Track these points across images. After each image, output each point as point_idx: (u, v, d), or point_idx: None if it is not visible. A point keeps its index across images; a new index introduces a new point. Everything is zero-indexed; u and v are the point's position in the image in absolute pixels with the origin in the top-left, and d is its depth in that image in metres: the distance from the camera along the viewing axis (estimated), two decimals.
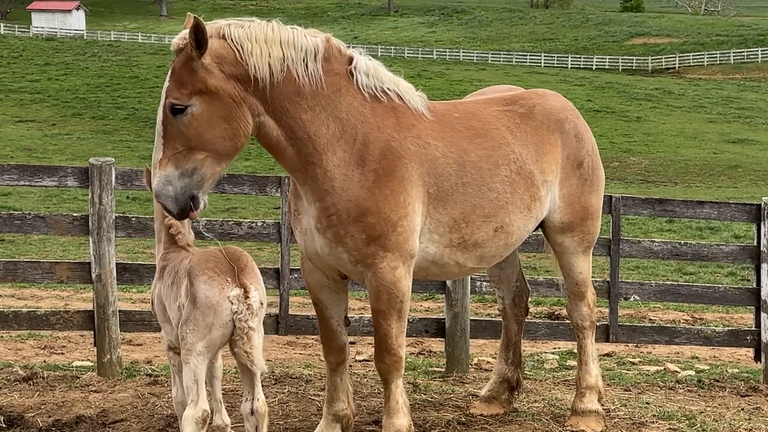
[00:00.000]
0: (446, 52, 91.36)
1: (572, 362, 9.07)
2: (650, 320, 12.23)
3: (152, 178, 5.26)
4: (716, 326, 10.75)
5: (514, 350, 7.13)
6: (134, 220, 8.12)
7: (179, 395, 5.55)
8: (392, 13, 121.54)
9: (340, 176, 5.51)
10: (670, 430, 6.91)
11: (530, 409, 7.23)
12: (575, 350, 7.34)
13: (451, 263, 5.99)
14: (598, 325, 7.72)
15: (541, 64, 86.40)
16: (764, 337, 8.87)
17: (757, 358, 9.04)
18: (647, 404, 7.56)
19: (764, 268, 8.84)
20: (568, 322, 8.09)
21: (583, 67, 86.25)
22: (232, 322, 5.08)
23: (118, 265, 7.94)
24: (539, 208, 6.28)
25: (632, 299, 10.64)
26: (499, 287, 7.13)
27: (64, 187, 8.12)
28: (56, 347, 9.61)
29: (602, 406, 6.91)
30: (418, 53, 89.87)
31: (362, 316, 8.75)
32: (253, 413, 5.24)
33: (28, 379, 7.66)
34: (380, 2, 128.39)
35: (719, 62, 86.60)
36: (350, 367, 7.17)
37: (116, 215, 7.90)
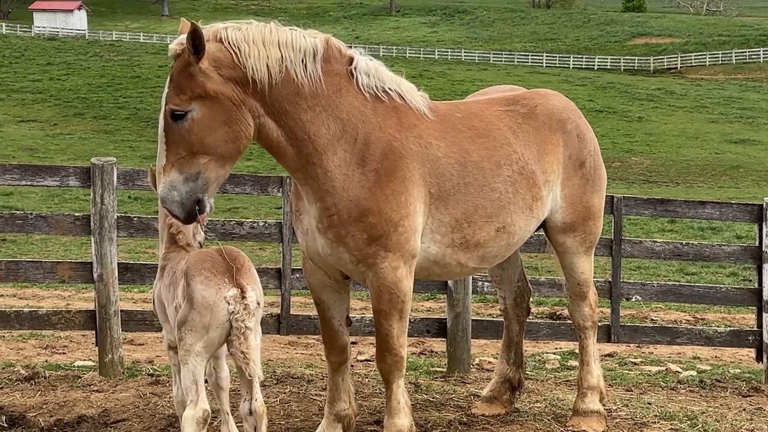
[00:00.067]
0: (448, 52, 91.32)
1: (574, 362, 9.06)
2: (652, 320, 12.22)
3: (157, 184, 5.27)
4: (718, 326, 10.74)
5: (515, 350, 7.12)
6: (136, 219, 8.13)
7: (180, 395, 5.55)
8: (394, 13, 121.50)
9: (340, 176, 5.50)
10: (671, 430, 6.90)
11: (532, 409, 7.23)
12: (577, 350, 7.34)
13: (453, 263, 5.99)
14: (599, 325, 7.73)
15: (542, 64, 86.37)
16: (766, 337, 8.86)
17: (758, 358, 9.03)
18: (649, 404, 7.55)
19: (766, 268, 8.83)
20: (569, 322, 8.08)
21: (584, 67, 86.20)
22: (229, 322, 5.08)
23: (119, 264, 7.94)
24: (541, 208, 6.28)
25: (634, 299, 10.63)
26: (500, 287, 7.12)
27: (65, 186, 8.12)
28: (58, 347, 9.61)
29: (604, 406, 6.91)
30: (419, 53, 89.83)
31: (364, 316, 8.75)
32: (251, 413, 5.24)
33: (29, 378, 7.66)
34: (382, 2, 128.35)
35: (721, 62, 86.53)
36: (352, 367, 7.17)
37: (118, 215, 7.90)
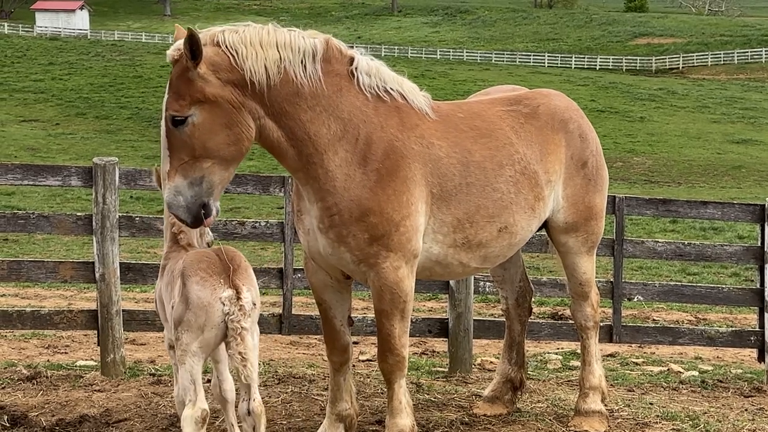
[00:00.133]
0: (450, 52, 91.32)
1: (575, 362, 9.06)
2: (654, 321, 12.21)
3: (162, 189, 5.28)
4: (720, 327, 10.73)
5: (517, 350, 7.12)
6: (138, 219, 8.13)
7: (181, 394, 5.56)
8: (396, 13, 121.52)
9: (341, 176, 5.50)
10: (673, 430, 6.90)
11: (533, 409, 7.23)
12: (578, 350, 7.34)
13: (455, 263, 5.99)
14: (601, 325, 7.73)
15: (544, 64, 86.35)
16: None
17: (760, 358, 9.02)
18: (650, 405, 7.55)
19: None
20: (571, 322, 8.09)
21: (586, 67, 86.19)
22: (224, 323, 5.09)
23: (121, 264, 7.94)
24: (543, 208, 6.27)
25: (636, 299, 10.64)
26: (502, 287, 7.12)
27: (67, 186, 8.12)
28: (60, 347, 9.61)
29: (605, 406, 6.90)
30: (421, 53, 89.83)
31: (365, 315, 8.75)
32: (249, 413, 5.24)
33: (31, 378, 7.66)
34: (384, 2, 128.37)
35: (723, 62, 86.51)
36: (353, 366, 7.16)
37: (120, 215, 7.90)
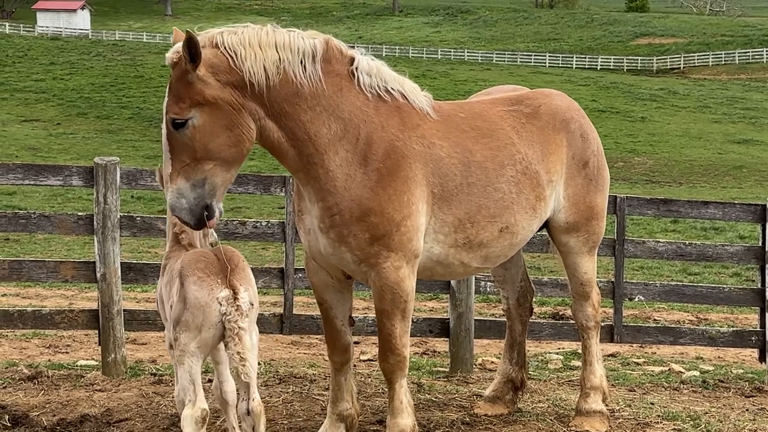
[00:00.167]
0: (451, 52, 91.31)
1: (576, 362, 9.06)
2: (655, 321, 12.20)
3: (165, 192, 5.28)
4: (721, 327, 10.72)
5: (518, 350, 7.12)
6: (139, 219, 8.14)
7: (181, 394, 5.56)
8: (397, 13, 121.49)
9: (342, 176, 5.50)
10: (674, 430, 6.90)
11: (534, 409, 7.22)
12: (579, 350, 7.34)
13: (456, 263, 5.99)
14: (602, 325, 7.73)
15: (545, 64, 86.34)
16: None
17: (761, 358, 9.02)
18: (652, 405, 7.55)
19: None
20: (572, 322, 8.09)
21: (587, 67, 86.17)
22: (221, 323, 5.09)
23: (122, 264, 7.95)
24: (544, 208, 6.27)
25: (637, 299, 10.63)
26: (503, 287, 7.12)
27: (68, 186, 8.12)
28: (61, 346, 9.61)
29: (606, 406, 6.90)
30: (422, 53, 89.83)
31: (366, 315, 8.75)
32: (249, 413, 5.25)
33: (32, 378, 7.66)
34: (385, 2, 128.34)
35: (724, 62, 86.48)
36: (354, 366, 7.17)
37: (121, 214, 7.91)
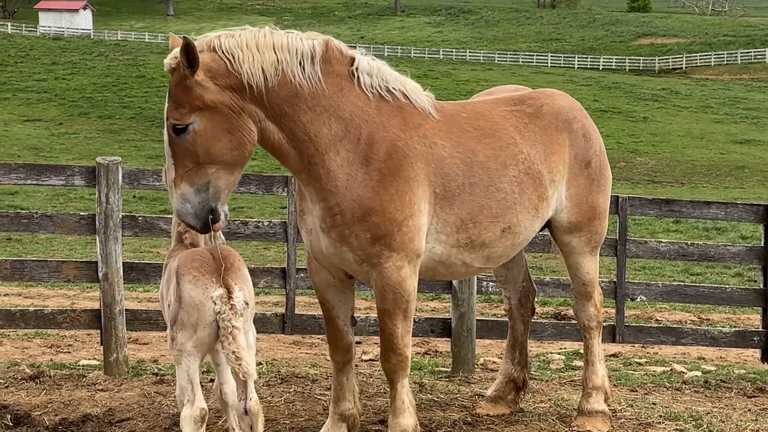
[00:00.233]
0: (453, 52, 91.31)
1: (578, 362, 9.06)
2: (657, 321, 12.20)
3: (170, 197, 5.29)
4: (723, 327, 10.72)
5: (520, 350, 7.12)
6: (141, 219, 8.14)
7: (180, 394, 5.57)
8: (399, 13, 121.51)
9: (343, 176, 5.50)
10: (676, 430, 6.89)
11: (536, 409, 7.22)
12: (581, 350, 7.33)
13: (458, 263, 5.98)
14: (604, 325, 7.70)
15: (547, 64, 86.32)
16: None
17: (764, 359, 9.02)
18: (654, 405, 7.54)
19: None
20: (574, 322, 8.08)
21: (589, 67, 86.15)
22: (216, 322, 5.09)
23: (124, 264, 7.95)
24: (546, 208, 6.27)
25: (639, 300, 10.61)
26: (505, 287, 7.12)
27: (70, 186, 8.13)
28: (63, 346, 9.62)
29: (609, 406, 6.90)
30: (424, 53, 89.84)
31: (368, 315, 8.75)
32: (247, 413, 5.25)
33: (34, 377, 7.67)
34: (387, 2, 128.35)
35: (726, 62, 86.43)
36: (356, 366, 7.17)
37: (123, 214, 7.91)
